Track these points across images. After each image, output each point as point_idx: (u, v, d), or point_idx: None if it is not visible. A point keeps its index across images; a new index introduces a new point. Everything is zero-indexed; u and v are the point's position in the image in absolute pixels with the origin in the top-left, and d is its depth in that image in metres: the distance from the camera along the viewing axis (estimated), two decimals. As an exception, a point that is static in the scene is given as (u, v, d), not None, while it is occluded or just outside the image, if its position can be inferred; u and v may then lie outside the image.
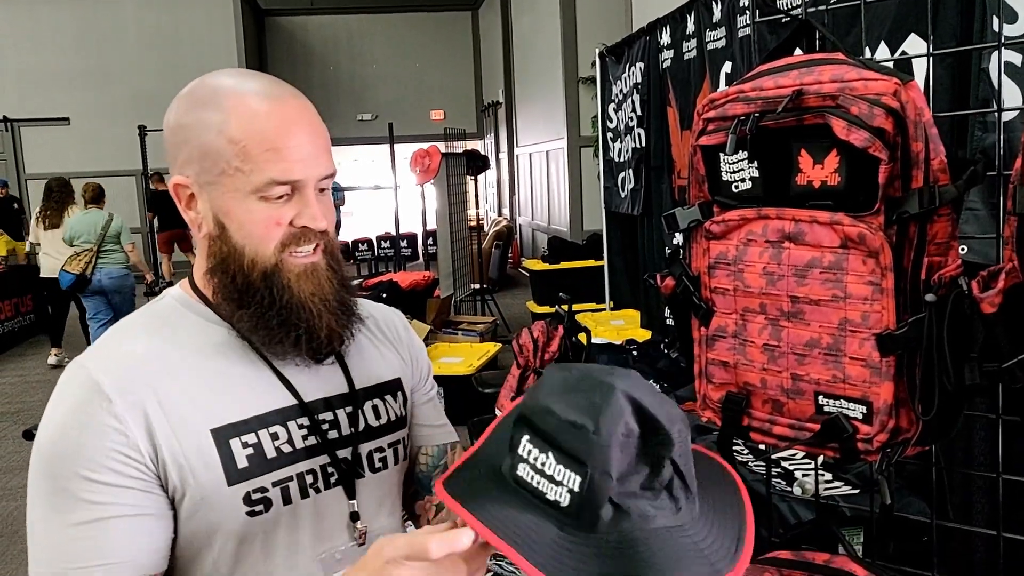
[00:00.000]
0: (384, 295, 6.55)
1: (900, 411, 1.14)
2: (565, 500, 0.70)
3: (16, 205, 9.74)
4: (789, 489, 3.10)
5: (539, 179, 11.68)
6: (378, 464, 1.07)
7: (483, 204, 15.85)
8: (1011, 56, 2.00)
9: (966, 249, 1.89)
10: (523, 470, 0.73)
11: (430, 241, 10.92)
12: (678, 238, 1.36)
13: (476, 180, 8.76)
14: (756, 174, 1.23)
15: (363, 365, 1.09)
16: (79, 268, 6.39)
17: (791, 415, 1.23)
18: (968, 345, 1.09)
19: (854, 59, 1.18)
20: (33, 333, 9.09)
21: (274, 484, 0.95)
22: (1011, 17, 2.01)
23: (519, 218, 13.38)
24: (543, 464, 0.71)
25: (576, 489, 0.69)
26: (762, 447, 3.49)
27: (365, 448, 1.05)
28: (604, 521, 0.70)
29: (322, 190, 0.99)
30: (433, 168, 7.35)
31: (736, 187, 1.25)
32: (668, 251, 1.42)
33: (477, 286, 8.61)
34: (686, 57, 4.48)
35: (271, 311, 0.95)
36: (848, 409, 1.16)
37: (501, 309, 8.30)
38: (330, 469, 1.01)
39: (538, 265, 8.39)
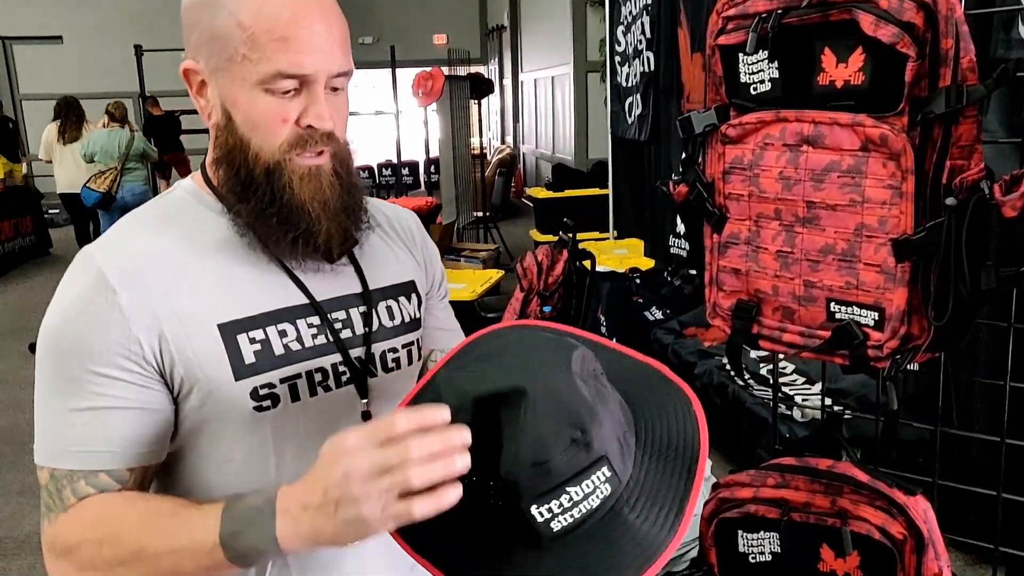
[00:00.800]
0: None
1: (912, 318, 1.12)
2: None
3: (11, 125, 9.58)
4: (789, 412, 3.13)
5: (544, 106, 11.52)
6: (391, 364, 1.06)
7: (486, 132, 15.69)
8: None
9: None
10: None
11: (432, 169, 10.82)
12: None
13: (480, 106, 8.63)
14: (776, 75, 1.19)
15: (377, 266, 1.08)
16: (105, 186, 6.47)
17: (802, 322, 1.22)
18: (985, 250, 1.07)
19: (884, -48, 1.13)
20: (34, 254, 9.09)
21: (282, 380, 0.94)
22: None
23: (523, 146, 13.24)
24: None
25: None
26: (765, 372, 3.51)
27: (378, 348, 1.05)
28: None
29: (335, 89, 0.95)
30: (436, 90, 7.23)
31: (755, 89, 1.21)
32: (683, 156, 1.38)
33: (480, 214, 8.56)
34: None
35: (271, 208, 0.93)
36: (860, 316, 1.15)
37: (504, 237, 8.27)
38: (342, 368, 1.00)
39: (542, 193, 8.32)
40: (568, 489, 0.69)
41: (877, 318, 1.14)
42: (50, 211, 9.99)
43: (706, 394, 3.43)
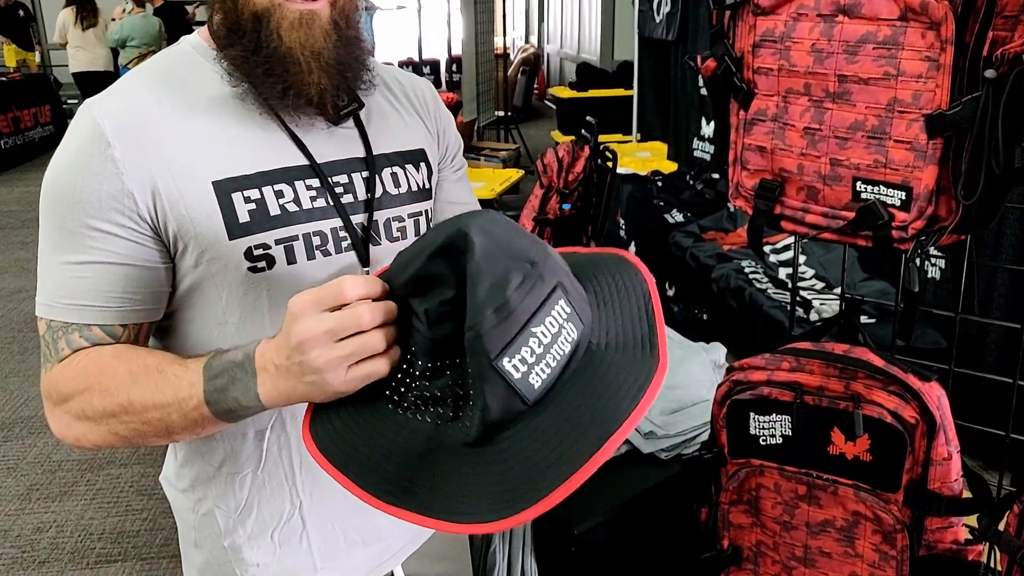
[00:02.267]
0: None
1: (940, 198, 1.09)
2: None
3: (22, 12, 9.40)
4: (806, 316, 3.12)
5: (571, 4, 11.18)
6: (396, 234, 1.04)
7: (511, 31, 15.28)
8: None
9: None
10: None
11: (454, 68, 10.59)
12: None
13: (504, 3, 8.39)
14: (815, -61, 1.13)
15: (384, 131, 1.05)
16: None
17: (826, 202, 1.19)
18: (1022, 127, 1.03)
19: None
20: (53, 145, 9.07)
21: (277, 242, 0.92)
22: None
23: (547, 46, 12.92)
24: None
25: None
26: (784, 276, 3.48)
27: (382, 215, 1.02)
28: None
29: None
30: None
31: (790, -43, 1.16)
32: (713, 28, 1.32)
33: (501, 113, 8.42)
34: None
35: (256, 57, 0.89)
36: (887, 196, 1.12)
37: (525, 138, 8.16)
38: (342, 233, 0.97)
39: (565, 92, 8.16)
40: (533, 330, 0.66)
41: (904, 197, 1.11)
42: (68, 100, 9.92)
43: (723, 297, 3.42)
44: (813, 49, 1.15)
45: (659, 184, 4.91)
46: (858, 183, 1.15)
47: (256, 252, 0.92)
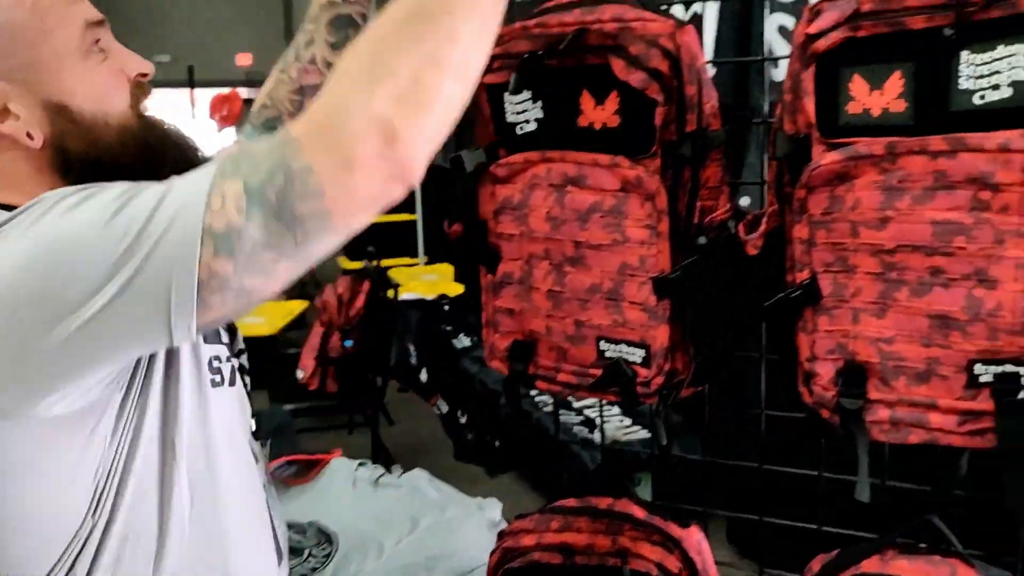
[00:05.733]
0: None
1: (676, 353, 1.16)
2: None
3: None
4: (591, 436, 3.20)
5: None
6: None
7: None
8: (785, 20, 2.10)
9: (748, 201, 1.99)
10: None
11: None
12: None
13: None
14: (540, 115, 1.20)
15: None
16: None
17: (575, 361, 1.23)
18: (736, 286, 1.12)
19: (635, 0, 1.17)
20: None
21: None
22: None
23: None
24: None
25: None
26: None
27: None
28: None
29: None
30: (235, 114, 6.94)
31: (521, 128, 1.22)
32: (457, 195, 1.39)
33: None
34: None
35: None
36: (628, 353, 1.17)
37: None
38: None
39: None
40: None
41: (644, 355, 1.16)
42: None
43: (512, 424, 3.46)
44: (549, 216, 1.20)
45: (446, 308, 4.97)
46: (602, 342, 1.20)
47: None
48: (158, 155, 0.85)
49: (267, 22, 14.33)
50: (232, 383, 0.93)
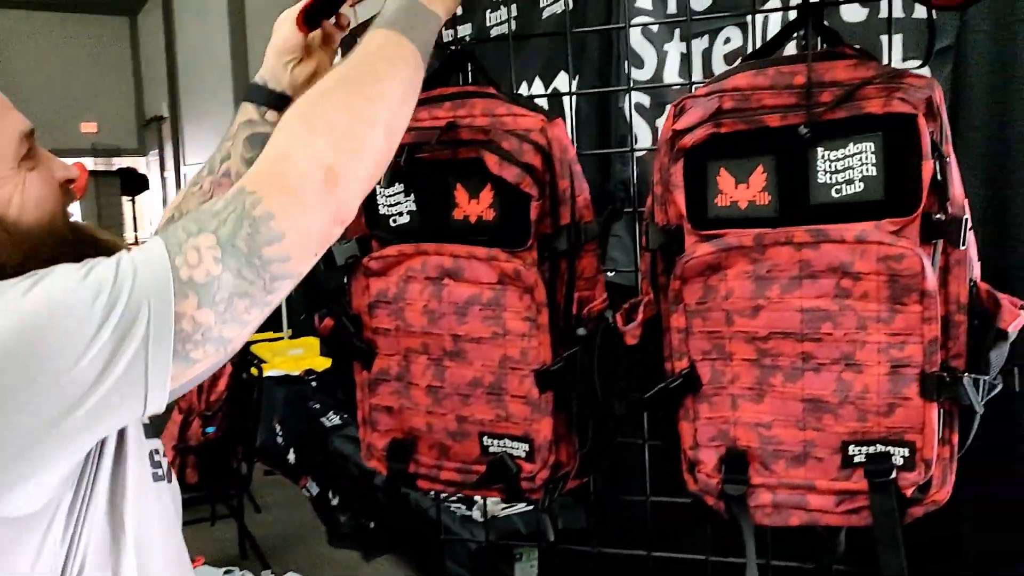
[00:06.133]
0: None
1: (560, 446, 1.15)
2: None
3: None
4: (469, 513, 3.14)
5: (210, 200, 11.00)
6: None
7: (148, 228, 14.64)
8: (641, 98, 2.18)
9: (613, 273, 2.02)
10: None
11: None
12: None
13: (134, 202, 8.05)
14: (413, 208, 1.18)
15: None
16: None
17: (458, 458, 1.19)
18: (616, 376, 1.12)
19: (504, 94, 1.18)
20: None
21: None
22: (639, 63, 2.19)
23: (189, 242, 12.50)
24: None
25: None
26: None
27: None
28: None
29: None
30: (80, 187, 6.60)
31: (394, 221, 1.20)
32: (328, 289, 1.35)
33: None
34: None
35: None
36: (512, 448, 1.15)
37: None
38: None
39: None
40: None
41: (528, 449, 1.14)
42: None
43: (384, 506, 3.35)
44: (426, 310, 1.18)
45: (313, 384, 4.82)
46: (485, 438, 1.17)
47: None
48: (98, 252, 0.81)
49: (115, 90, 13.82)
50: (169, 479, 0.91)
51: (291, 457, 4.48)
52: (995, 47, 1.44)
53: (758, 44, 1.80)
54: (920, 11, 1.48)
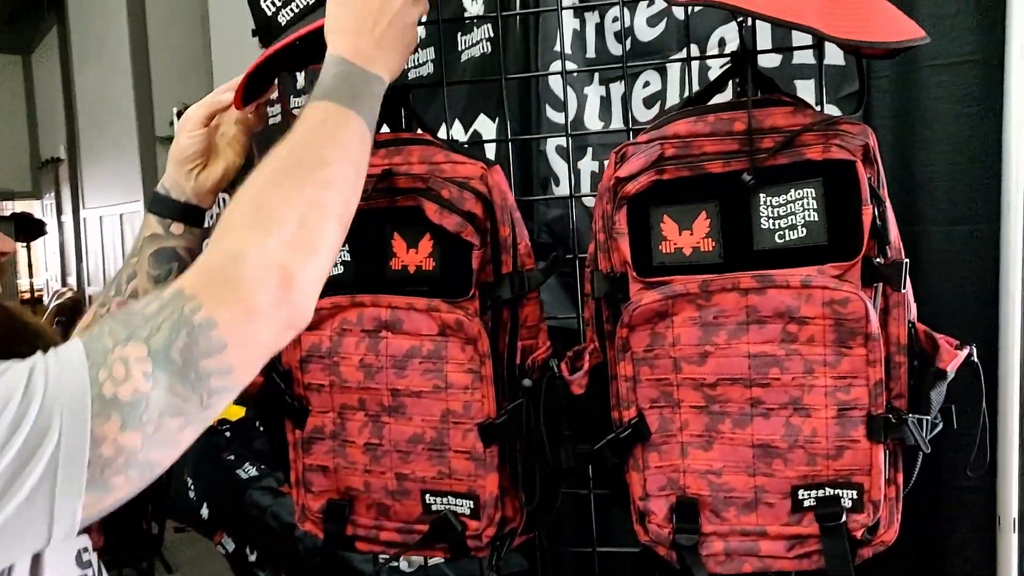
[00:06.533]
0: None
1: (506, 501, 1.11)
2: None
3: None
4: (396, 564, 3.05)
5: (112, 244, 10.61)
6: None
7: (44, 273, 13.99)
8: (562, 140, 2.19)
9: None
10: None
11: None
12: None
13: (30, 248, 7.67)
14: (348, 258, 1.14)
15: None
16: None
17: (398, 518, 1.14)
18: (563, 427, 1.09)
19: (440, 141, 1.15)
20: None
21: None
22: (559, 107, 2.21)
23: (89, 288, 12.03)
24: None
25: None
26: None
27: None
28: None
29: None
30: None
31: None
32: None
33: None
34: (271, 121, 4.34)
35: None
36: (456, 506, 1.11)
37: (69, 393, 7.28)
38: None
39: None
40: None
41: (473, 506, 1.10)
42: None
43: (311, 557, 3.22)
44: (362, 364, 1.13)
45: (227, 434, 4.63)
46: (427, 495, 1.12)
47: None
48: (17, 342, 0.76)
49: (6, 131, 13.25)
50: None
51: (204, 512, 4.27)
52: (898, 93, 1.49)
53: (675, 88, 1.86)
54: (833, 58, 1.52)
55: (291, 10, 1.06)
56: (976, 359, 1.02)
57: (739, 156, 0.99)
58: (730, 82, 1.10)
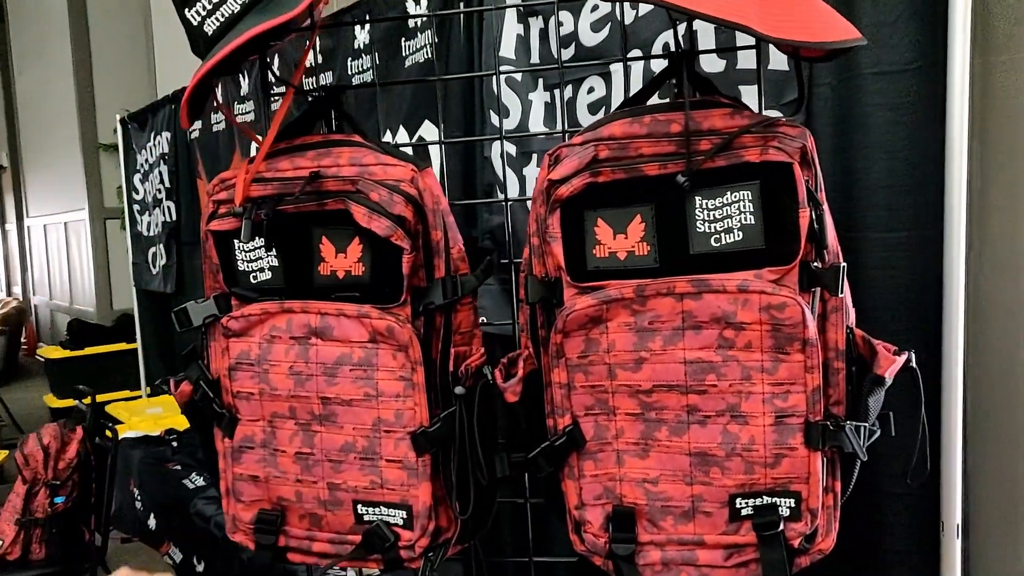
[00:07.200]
0: None
1: (440, 511, 1.08)
2: None
3: None
4: (343, 572, 2.99)
5: (58, 253, 10.36)
6: None
7: (-11, 284, 13.63)
8: (507, 146, 2.17)
9: (484, 319, 1.97)
10: None
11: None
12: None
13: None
14: (276, 263, 1.10)
15: None
16: None
17: (331, 529, 1.10)
18: (497, 436, 1.07)
19: (372, 142, 1.12)
20: None
21: None
22: (504, 112, 2.19)
23: (34, 298, 11.72)
24: None
25: None
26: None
27: None
28: None
29: None
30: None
31: (255, 278, 1.11)
32: (184, 352, 1.23)
33: (-27, 382, 7.26)
34: (215, 129, 4.26)
35: None
36: (389, 516, 1.07)
37: (9, 407, 7.08)
38: None
39: (56, 352, 7.34)
40: None
41: (405, 516, 1.07)
42: None
43: (253, 571, 3.15)
44: (292, 372, 1.09)
45: (174, 444, 4.52)
46: (359, 506, 1.09)
47: None
48: None
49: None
50: None
51: (151, 523, 4.16)
52: (838, 98, 1.50)
53: (620, 94, 1.85)
54: (776, 63, 1.52)
55: (216, 19, 1.02)
56: (915, 364, 1.01)
57: (676, 158, 0.97)
58: (669, 83, 1.09)
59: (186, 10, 1.04)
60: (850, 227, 1.51)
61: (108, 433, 3.65)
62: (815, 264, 0.95)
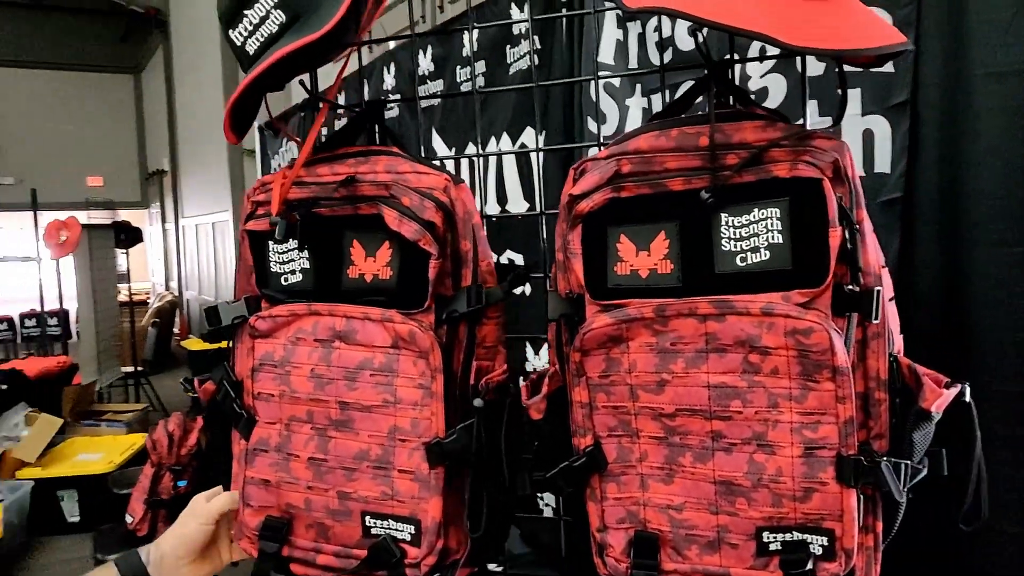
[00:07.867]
0: (4, 387, 5.62)
1: (450, 529, 1.04)
2: None
3: None
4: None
5: (206, 251, 11.04)
6: None
7: (152, 277, 14.65)
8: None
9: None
10: None
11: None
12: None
13: (128, 253, 8.03)
14: (307, 266, 1.10)
15: None
16: None
17: (337, 541, 1.08)
18: (519, 453, 1.03)
19: (407, 154, 1.12)
20: None
21: None
22: (602, 118, 2.15)
23: (186, 292, 12.52)
24: None
25: None
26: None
27: None
28: None
29: None
30: (72, 241, 6.58)
31: (286, 280, 1.12)
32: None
33: (130, 369, 7.80)
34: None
35: None
36: (396, 530, 1.05)
37: (159, 393, 7.58)
38: None
39: (196, 344, 7.81)
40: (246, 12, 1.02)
41: (414, 531, 1.04)
42: None
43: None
44: (313, 374, 1.08)
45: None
46: (367, 518, 1.06)
47: None
48: None
49: (120, 145, 13.94)
50: None
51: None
52: (947, 102, 1.38)
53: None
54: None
55: (257, 40, 1.04)
56: (969, 398, 0.91)
57: (702, 173, 0.91)
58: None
59: (231, 31, 1.07)
60: (958, 242, 1.40)
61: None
62: (850, 287, 0.87)
